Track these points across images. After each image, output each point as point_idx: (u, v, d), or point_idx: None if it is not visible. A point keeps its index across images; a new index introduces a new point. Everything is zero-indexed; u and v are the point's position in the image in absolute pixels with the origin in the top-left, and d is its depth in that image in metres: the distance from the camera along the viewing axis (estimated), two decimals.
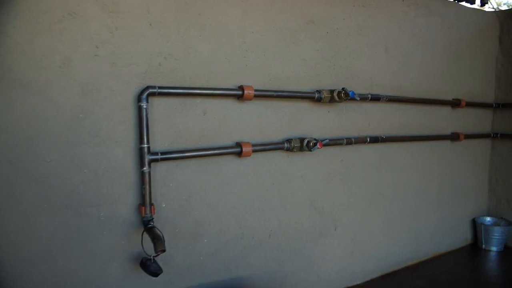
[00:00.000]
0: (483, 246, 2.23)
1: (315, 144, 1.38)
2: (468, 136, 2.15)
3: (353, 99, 1.50)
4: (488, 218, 2.33)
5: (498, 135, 2.31)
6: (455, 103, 2.06)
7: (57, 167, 1.04)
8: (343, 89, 1.44)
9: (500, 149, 2.34)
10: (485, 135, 2.30)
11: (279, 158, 1.44)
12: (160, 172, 1.18)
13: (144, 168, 1.11)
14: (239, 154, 1.29)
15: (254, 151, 1.31)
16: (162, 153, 1.14)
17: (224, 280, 1.35)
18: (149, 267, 1.10)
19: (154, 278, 1.20)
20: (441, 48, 2.00)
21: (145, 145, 1.11)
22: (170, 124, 1.19)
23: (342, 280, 1.68)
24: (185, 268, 1.27)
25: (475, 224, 2.31)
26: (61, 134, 1.04)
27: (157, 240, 1.02)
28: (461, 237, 2.26)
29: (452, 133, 2.09)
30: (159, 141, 1.17)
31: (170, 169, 1.20)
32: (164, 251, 1.01)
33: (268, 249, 1.44)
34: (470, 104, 2.13)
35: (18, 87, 0.98)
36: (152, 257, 1.11)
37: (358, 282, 1.74)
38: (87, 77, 1.06)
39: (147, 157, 1.12)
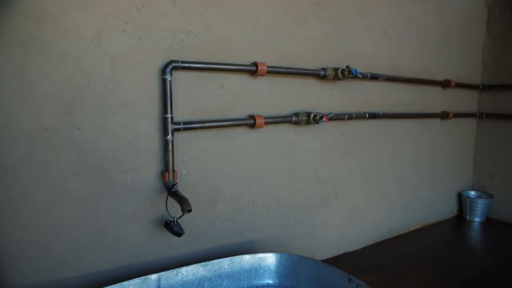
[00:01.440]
0: (468, 217, 2.40)
1: (321, 118, 1.49)
2: (457, 115, 2.29)
3: (354, 77, 1.61)
4: (473, 192, 2.50)
5: (484, 114, 2.46)
6: (445, 84, 2.19)
7: (88, 134, 1.12)
8: (347, 67, 1.54)
9: (485, 128, 2.49)
10: (471, 115, 2.44)
11: (287, 131, 1.54)
12: (181, 141, 1.27)
13: (168, 137, 1.20)
14: (252, 125, 1.39)
15: (265, 123, 1.41)
16: (184, 123, 1.23)
17: (237, 243, 1.46)
18: (173, 227, 1.19)
19: (174, 240, 1.31)
20: (434, 32, 2.11)
21: (169, 115, 1.19)
22: (190, 97, 1.27)
23: (341, 246, 1.81)
24: (202, 231, 1.37)
25: (460, 198, 2.47)
26: (92, 104, 1.11)
27: (184, 201, 1.11)
28: (448, 209, 2.43)
29: (442, 111, 2.22)
30: (180, 112, 1.25)
31: (190, 139, 1.29)
32: (190, 210, 1.10)
33: (276, 216, 1.56)
34: (459, 85, 2.26)
35: (53, 59, 1.05)
36: (175, 219, 1.21)
37: (356, 248, 1.88)
38: (116, 51, 1.13)
39: (171, 127, 1.20)
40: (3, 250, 1.04)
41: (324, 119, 1.49)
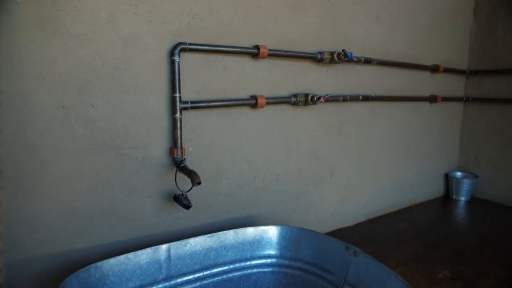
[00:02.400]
0: (454, 196, 2.52)
1: (318, 98, 1.57)
2: (444, 99, 2.39)
3: (349, 61, 1.69)
4: (459, 173, 2.61)
5: (470, 99, 2.57)
6: (434, 69, 2.28)
7: (102, 112, 1.18)
8: (343, 50, 1.61)
9: (471, 111, 2.60)
10: (458, 99, 2.55)
11: (286, 111, 1.61)
12: (188, 119, 1.34)
13: (176, 115, 1.27)
14: (254, 105, 1.46)
15: (266, 103, 1.48)
16: (192, 102, 1.30)
17: (239, 217, 1.54)
18: (182, 200, 1.27)
19: (181, 214, 1.39)
20: (424, 19, 2.20)
21: (177, 95, 1.26)
22: (196, 77, 1.34)
23: (335, 222, 1.91)
24: (207, 206, 1.45)
25: (447, 178, 2.59)
26: (106, 83, 1.17)
27: (194, 174, 1.19)
28: (436, 189, 2.55)
29: (431, 95, 2.32)
30: (187, 92, 1.32)
31: (197, 117, 1.36)
32: (200, 183, 1.17)
33: (276, 192, 1.64)
34: (447, 70, 2.36)
35: (69, 40, 1.10)
36: (183, 193, 1.29)
37: (349, 225, 1.98)
38: (128, 33, 1.19)
39: (179, 105, 1.27)
40: (25, 221, 1.10)
41: (322, 99, 1.57)
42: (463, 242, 1.84)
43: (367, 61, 1.84)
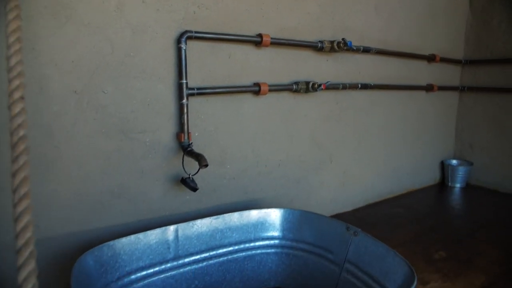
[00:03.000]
0: (449, 183, 2.59)
1: (319, 86, 1.62)
2: (441, 88, 2.45)
3: (348, 49, 1.74)
4: (454, 161, 2.68)
5: (465, 88, 2.63)
6: (431, 58, 2.33)
7: (112, 97, 1.23)
8: (343, 39, 1.66)
9: (466, 100, 2.66)
10: (454, 88, 2.61)
11: (287, 98, 1.66)
12: (194, 105, 1.38)
13: (183, 101, 1.32)
14: (257, 92, 1.51)
15: (268, 90, 1.53)
16: (198, 89, 1.35)
17: (243, 201, 1.59)
18: (189, 183, 1.32)
19: (187, 197, 1.45)
20: (421, 9, 2.25)
21: (184, 81, 1.31)
22: (202, 65, 1.39)
23: (335, 207, 1.97)
24: (212, 189, 1.50)
25: (443, 166, 2.65)
26: (115, 69, 1.22)
27: (201, 157, 1.24)
28: (432, 176, 2.61)
29: (427, 84, 2.38)
30: (193, 79, 1.37)
31: (202, 103, 1.41)
32: (207, 165, 1.22)
33: (278, 176, 1.69)
34: (443, 60, 2.41)
35: (81, 27, 1.15)
36: (190, 176, 1.34)
37: (348, 210, 2.04)
38: (137, 21, 1.23)
39: (186, 91, 1.32)
40: (41, 201, 1.15)
41: (322, 87, 1.62)
42: (458, 226, 1.91)
43: (366, 50, 1.89)
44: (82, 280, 1.01)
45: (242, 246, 1.43)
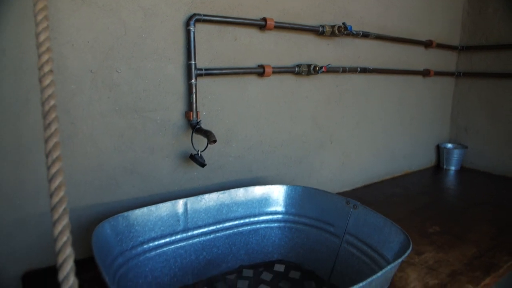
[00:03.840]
0: (444, 166, 2.68)
1: (320, 68, 1.68)
2: (437, 73, 2.52)
3: (348, 34, 1.80)
4: (449, 144, 2.76)
5: (461, 73, 2.70)
6: (427, 44, 2.40)
7: (125, 77, 1.29)
8: (343, 23, 1.72)
9: (462, 85, 2.73)
10: (450, 73, 2.68)
11: (290, 80, 1.73)
12: (202, 86, 1.45)
13: (192, 81, 1.38)
14: (261, 74, 1.57)
15: (272, 72, 1.60)
16: (206, 69, 1.41)
17: (247, 178, 1.67)
18: (198, 159, 1.39)
19: (195, 173, 1.52)
20: None
21: (193, 62, 1.37)
22: (209, 47, 1.45)
23: (335, 186, 2.05)
24: (218, 167, 1.57)
25: (439, 149, 2.73)
26: (128, 50, 1.28)
27: (210, 133, 1.31)
28: (428, 159, 2.70)
29: (424, 69, 2.45)
30: (201, 60, 1.43)
31: (209, 84, 1.47)
32: (215, 141, 1.29)
33: (280, 156, 1.77)
34: (440, 46, 2.48)
35: (96, 9, 1.20)
36: (199, 152, 1.41)
37: (347, 189, 2.12)
38: (148, 4, 1.29)
39: (194, 72, 1.38)
40: None
41: (323, 69, 1.69)
42: (452, 204, 2.00)
43: (365, 35, 1.95)
44: (101, 245, 1.08)
45: (247, 220, 1.50)
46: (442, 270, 1.34)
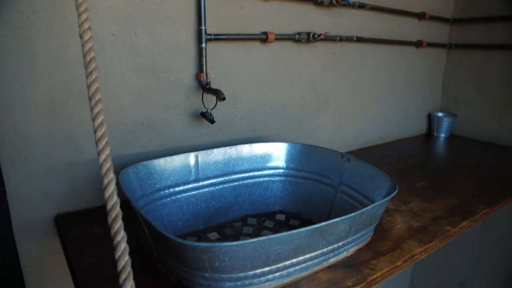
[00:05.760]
0: (435, 133, 2.84)
1: (319, 35, 1.82)
2: (430, 45, 2.65)
3: (346, 4, 1.93)
4: (440, 113, 2.91)
5: (453, 45, 2.83)
6: (421, 16, 2.52)
7: (143, 40, 1.42)
8: None
9: (453, 57, 2.87)
10: (442, 45, 2.81)
11: (290, 47, 1.87)
12: (211, 50, 1.58)
13: (202, 45, 1.52)
14: (265, 40, 1.71)
15: (275, 39, 1.73)
16: (214, 35, 1.55)
17: (251, 137, 1.82)
18: (208, 116, 1.54)
19: (204, 131, 1.67)
20: None
21: (203, 27, 1.50)
22: (217, 14, 1.58)
23: (331, 148, 2.20)
24: (225, 125, 1.72)
25: (430, 118, 2.89)
26: (145, 15, 1.41)
27: (219, 92, 1.45)
28: (419, 127, 2.86)
29: (417, 40, 2.57)
30: (210, 26, 1.56)
31: (218, 48, 1.61)
32: (224, 99, 1.43)
33: (281, 117, 1.92)
34: (433, 18, 2.60)
35: None
36: (209, 110, 1.56)
37: (342, 152, 2.28)
38: None
39: (204, 36, 1.51)
40: (83, 129, 1.37)
41: (322, 36, 1.82)
42: (439, 165, 2.17)
43: (361, 6, 2.07)
44: (126, 186, 1.23)
45: (251, 174, 1.65)
46: (425, 215, 1.51)
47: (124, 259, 0.76)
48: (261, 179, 1.68)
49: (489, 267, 2.81)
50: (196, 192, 1.52)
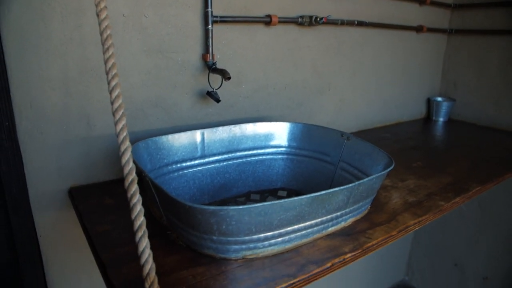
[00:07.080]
0: (434, 117, 2.90)
1: (321, 19, 1.87)
2: (430, 30, 2.69)
3: None
4: (439, 98, 2.97)
5: (453, 30, 2.87)
6: (421, 1, 2.56)
7: (152, 21, 1.48)
8: None
9: (454, 42, 2.91)
10: (443, 30, 2.85)
11: (293, 30, 1.92)
12: (217, 31, 1.64)
13: (208, 26, 1.58)
14: (269, 23, 1.77)
15: (278, 22, 1.79)
16: (221, 17, 1.60)
17: (254, 117, 1.89)
18: (214, 95, 1.61)
19: (210, 110, 1.73)
20: None
21: (209, 9, 1.56)
22: None
23: None
24: (230, 105, 1.79)
25: (429, 103, 2.95)
26: None
27: (225, 71, 1.51)
28: (418, 111, 2.92)
29: (417, 25, 2.62)
30: (216, 8, 1.61)
31: (223, 30, 1.66)
32: (230, 78, 1.49)
33: (283, 98, 1.98)
34: (433, 3, 2.64)
35: None
36: (214, 89, 1.62)
37: None
38: None
39: (211, 18, 1.57)
40: (95, 106, 1.44)
41: (324, 19, 1.88)
42: (436, 146, 2.24)
43: None
44: (138, 159, 1.31)
45: (254, 152, 1.72)
46: (421, 192, 1.58)
47: (140, 219, 0.84)
48: (264, 157, 1.75)
49: (483, 248, 2.90)
50: (202, 168, 1.59)
